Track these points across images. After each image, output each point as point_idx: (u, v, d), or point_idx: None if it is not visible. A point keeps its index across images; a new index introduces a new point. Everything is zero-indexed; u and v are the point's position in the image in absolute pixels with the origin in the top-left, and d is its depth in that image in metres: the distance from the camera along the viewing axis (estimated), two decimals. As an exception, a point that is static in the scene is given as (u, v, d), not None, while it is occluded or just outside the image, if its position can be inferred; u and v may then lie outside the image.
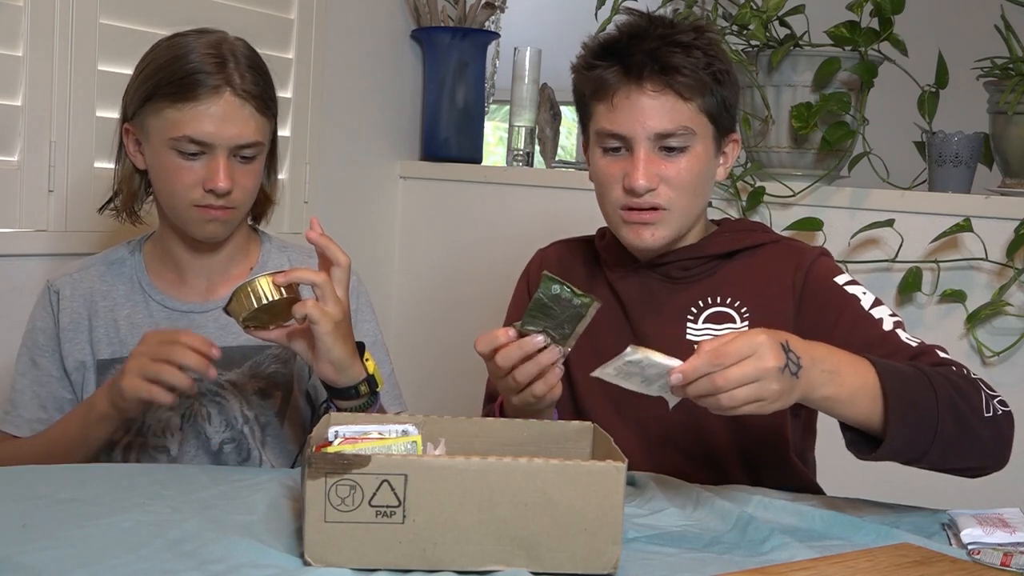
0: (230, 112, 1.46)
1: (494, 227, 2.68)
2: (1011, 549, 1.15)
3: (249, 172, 1.51)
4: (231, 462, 1.55)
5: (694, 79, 1.43)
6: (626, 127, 1.44)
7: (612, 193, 1.48)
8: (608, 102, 1.45)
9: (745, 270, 1.52)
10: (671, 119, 1.43)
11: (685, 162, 1.45)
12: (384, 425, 1.17)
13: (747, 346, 1.15)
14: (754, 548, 1.17)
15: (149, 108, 1.48)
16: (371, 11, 2.65)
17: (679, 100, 1.43)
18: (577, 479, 1.04)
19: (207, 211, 1.49)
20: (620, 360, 1.19)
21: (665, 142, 1.44)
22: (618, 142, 1.46)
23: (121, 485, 1.27)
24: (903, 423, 1.24)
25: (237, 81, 1.46)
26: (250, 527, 1.13)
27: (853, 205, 2.20)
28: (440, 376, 2.71)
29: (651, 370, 1.18)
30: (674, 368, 1.16)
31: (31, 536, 1.09)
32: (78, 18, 1.96)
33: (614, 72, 1.45)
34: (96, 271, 1.60)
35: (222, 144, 1.46)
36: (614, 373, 1.20)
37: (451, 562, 1.04)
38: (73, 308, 1.56)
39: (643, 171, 1.43)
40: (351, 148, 2.64)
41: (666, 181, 1.45)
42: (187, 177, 1.47)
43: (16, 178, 1.91)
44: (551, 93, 2.73)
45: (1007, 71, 2.07)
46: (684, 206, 1.47)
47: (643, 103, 1.43)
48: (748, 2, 2.21)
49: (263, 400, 1.58)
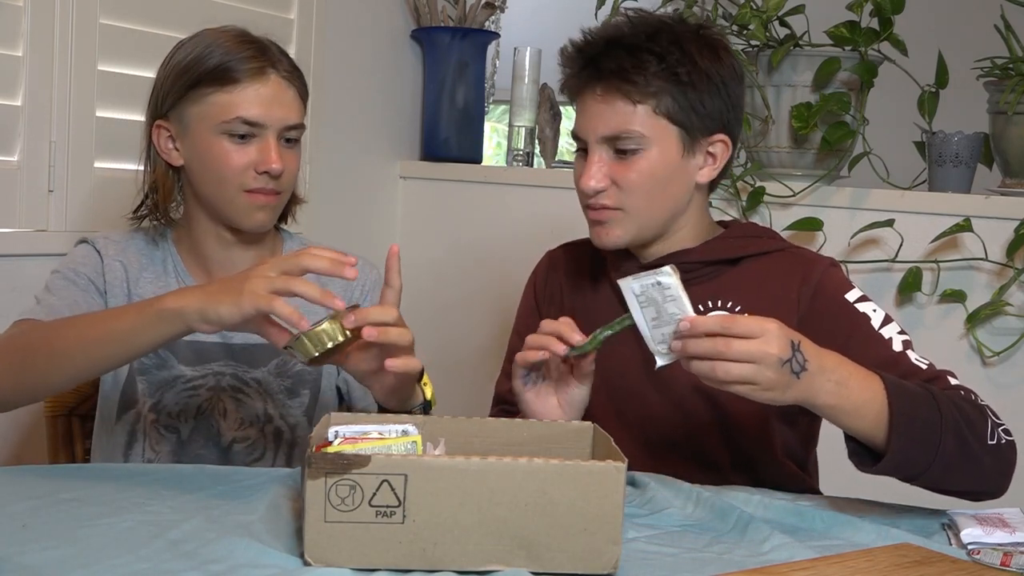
0: (278, 93, 1.48)
1: (494, 227, 2.68)
2: (1011, 549, 1.15)
3: (294, 156, 1.52)
4: (238, 462, 1.54)
5: (643, 82, 1.43)
6: (582, 130, 1.48)
7: (578, 192, 1.51)
8: (576, 105, 1.50)
9: (750, 276, 1.52)
10: (617, 123, 1.45)
11: (638, 165, 1.46)
12: (384, 425, 1.17)
13: (758, 327, 1.17)
14: (754, 548, 1.17)
15: (191, 98, 1.48)
16: (371, 11, 2.65)
17: (628, 104, 1.44)
18: (577, 479, 1.04)
19: (256, 197, 1.49)
20: (652, 277, 1.19)
21: (616, 144, 1.46)
22: (581, 144, 1.49)
23: (121, 485, 1.27)
24: (906, 440, 1.24)
25: (280, 65, 1.49)
26: (250, 527, 1.13)
27: (853, 205, 2.20)
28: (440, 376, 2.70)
29: (670, 306, 1.19)
30: (688, 316, 1.18)
31: (31, 536, 1.09)
32: (78, 18, 1.96)
33: (576, 77, 1.49)
34: (136, 244, 1.58)
35: (273, 125, 1.47)
36: (638, 289, 1.21)
37: (451, 562, 1.04)
38: (115, 270, 1.54)
39: (591, 172, 1.47)
40: (351, 148, 2.64)
41: (617, 183, 1.47)
42: (238, 160, 1.47)
43: (16, 178, 1.91)
44: (551, 93, 2.73)
45: (1007, 71, 2.07)
46: (639, 207, 1.47)
47: (594, 107, 1.47)
48: (748, 2, 2.21)
49: (290, 399, 1.57)
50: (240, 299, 1.19)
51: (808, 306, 1.47)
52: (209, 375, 1.54)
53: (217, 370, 1.54)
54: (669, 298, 1.19)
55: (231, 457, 1.54)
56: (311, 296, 1.19)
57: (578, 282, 1.62)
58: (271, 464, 1.56)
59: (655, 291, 1.20)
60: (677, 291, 1.19)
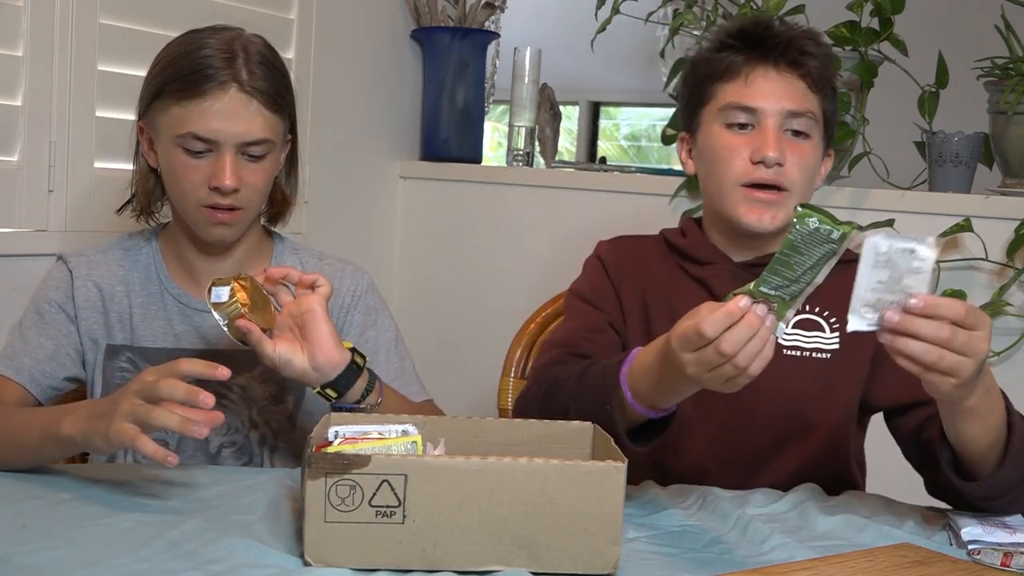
0: (235, 108, 1.43)
1: (494, 227, 2.68)
2: (1011, 549, 1.15)
3: (258, 171, 1.48)
4: (229, 465, 1.53)
5: (822, 73, 1.48)
6: (759, 101, 1.46)
7: (734, 168, 1.47)
8: (740, 80, 1.48)
9: (836, 281, 1.51)
10: (801, 102, 1.47)
11: (807, 148, 1.47)
12: (384, 425, 1.17)
13: (982, 320, 1.12)
14: (754, 548, 1.18)
15: (158, 106, 1.47)
16: (371, 11, 2.65)
17: (808, 89, 1.48)
18: (577, 479, 1.04)
19: (214, 213, 1.46)
20: (910, 243, 1.10)
21: (793, 123, 1.46)
22: (746, 117, 1.47)
23: (121, 485, 1.27)
24: (1016, 462, 1.24)
25: (244, 77, 1.44)
26: (250, 527, 1.13)
27: (853, 205, 2.20)
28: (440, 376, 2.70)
29: (910, 277, 1.10)
30: (921, 293, 1.10)
31: (31, 536, 1.09)
32: (78, 18, 1.96)
33: (749, 54, 1.48)
34: (113, 255, 1.57)
35: (228, 141, 1.43)
36: (884, 248, 1.11)
37: (451, 562, 1.04)
38: (87, 289, 1.53)
39: (774, 143, 1.44)
40: (351, 148, 2.64)
41: (791, 160, 1.45)
42: (194, 176, 1.45)
43: (16, 178, 1.91)
44: (551, 93, 2.73)
45: (1007, 71, 2.07)
46: (800, 192, 1.47)
47: (778, 82, 1.47)
48: (748, 2, 2.21)
49: (275, 405, 1.56)
50: (108, 435, 1.21)
51: None
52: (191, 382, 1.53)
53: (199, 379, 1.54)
54: (915, 270, 1.11)
55: (221, 463, 1.54)
56: (171, 427, 1.18)
57: (648, 273, 1.58)
58: (261, 466, 1.55)
59: (902, 257, 1.11)
60: (928, 266, 1.10)
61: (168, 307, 1.54)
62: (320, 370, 1.37)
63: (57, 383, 1.50)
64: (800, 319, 1.50)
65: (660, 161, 5.66)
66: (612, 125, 6.11)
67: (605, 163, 3.79)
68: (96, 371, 1.52)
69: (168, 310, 1.54)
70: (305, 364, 1.37)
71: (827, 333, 1.49)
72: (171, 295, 1.55)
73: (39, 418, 1.34)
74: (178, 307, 1.54)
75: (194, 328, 1.54)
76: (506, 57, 2.87)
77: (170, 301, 1.55)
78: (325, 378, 1.37)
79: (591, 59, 2.67)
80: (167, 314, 1.54)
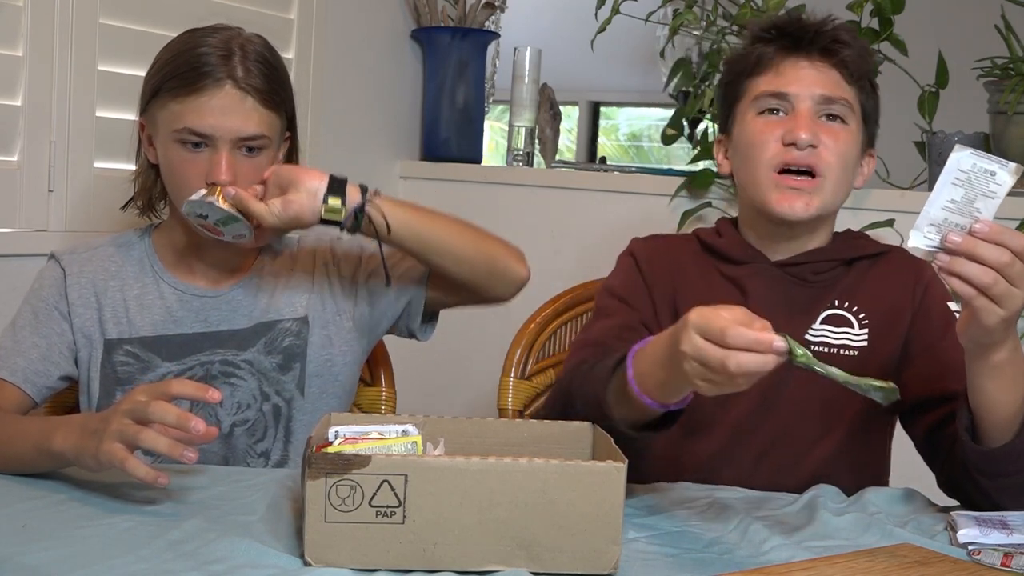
0: (231, 104, 1.46)
1: (494, 227, 2.66)
2: (1011, 550, 1.14)
3: (254, 166, 1.50)
4: (241, 445, 1.54)
5: (858, 64, 1.47)
6: (791, 87, 1.45)
7: (766, 151, 1.45)
8: (773, 71, 1.47)
9: (866, 277, 1.51)
10: (834, 89, 1.45)
11: (843, 134, 1.46)
12: (384, 425, 1.18)
13: None
14: (754, 548, 1.17)
15: (156, 103, 1.49)
16: (371, 11, 2.65)
17: (843, 80, 1.46)
18: (577, 479, 1.04)
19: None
20: (993, 164, 1.11)
21: (827, 108, 1.45)
22: (778, 102, 1.46)
23: (121, 485, 1.27)
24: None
25: (240, 74, 1.46)
26: (250, 527, 1.13)
27: (853, 205, 2.19)
28: (440, 376, 2.70)
29: (982, 201, 1.12)
30: (987, 219, 1.13)
31: (31, 536, 1.09)
32: (78, 18, 1.96)
33: (781, 46, 1.48)
34: (105, 252, 1.58)
35: (223, 136, 1.46)
36: (967, 165, 1.12)
37: (451, 562, 1.04)
38: (81, 285, 1.55)
39: (806, 124, 1.43)
40: (351, 148, 2.64)
41: (825, 143, 1.44)
42: (190, 171, 1.47)
43: (16, 178, 1.91)
44: (551, 93, 2.73)
45: (1007, 71, 2.07)
46: (835, 179, 1.45)
47: (810, 71, 1.46)
48: (748, 2, 2.21)
49: (283, 375, 1.57)
50: (98, 456, 1.19)
51: (919, 302, 1.48)
52: (196, 366, 1.54)
53: (204, 360, 1.54)
54: (989, 193, 1.12)
55: (233, 442, 1.54)
56: (160, 451, 1.17)
57: (680, 271, 1.55)
58: (272, 443, 1.56)
59: (980, 178, 1.12)
60: (1002, 192, 1.12)
61: (165, 295, 1.56)
62: (312, 192, 1.45)
63: (52, 382, 1.52)
64: (829, 314, 1.48)
65: (660, 161, 5.65)
66: (612, 125, 6.12)
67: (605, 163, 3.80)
68: (92, 368, 1.53)
69: (166, 298, 1.55)
70: (301, 199, 1.43)
71: (856, 329, 1.47)
72: (167, 283, 1.56)
73: (34, 429, 1.33)
74: (175, 294, 1.56)
75: (194, 312, 1.55)
76: (506, 57, 2.87)
77: (167, 289, 1.56)
78: (319, 199, 1.45)
79: (591, 59, 2.67)
80: (164, 302, 1.55)
